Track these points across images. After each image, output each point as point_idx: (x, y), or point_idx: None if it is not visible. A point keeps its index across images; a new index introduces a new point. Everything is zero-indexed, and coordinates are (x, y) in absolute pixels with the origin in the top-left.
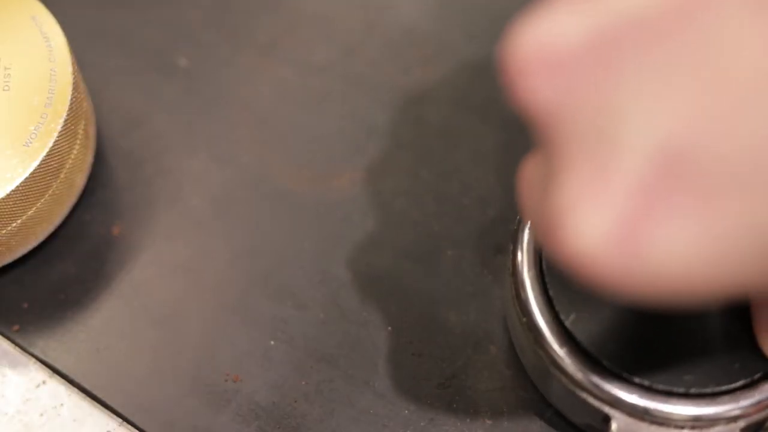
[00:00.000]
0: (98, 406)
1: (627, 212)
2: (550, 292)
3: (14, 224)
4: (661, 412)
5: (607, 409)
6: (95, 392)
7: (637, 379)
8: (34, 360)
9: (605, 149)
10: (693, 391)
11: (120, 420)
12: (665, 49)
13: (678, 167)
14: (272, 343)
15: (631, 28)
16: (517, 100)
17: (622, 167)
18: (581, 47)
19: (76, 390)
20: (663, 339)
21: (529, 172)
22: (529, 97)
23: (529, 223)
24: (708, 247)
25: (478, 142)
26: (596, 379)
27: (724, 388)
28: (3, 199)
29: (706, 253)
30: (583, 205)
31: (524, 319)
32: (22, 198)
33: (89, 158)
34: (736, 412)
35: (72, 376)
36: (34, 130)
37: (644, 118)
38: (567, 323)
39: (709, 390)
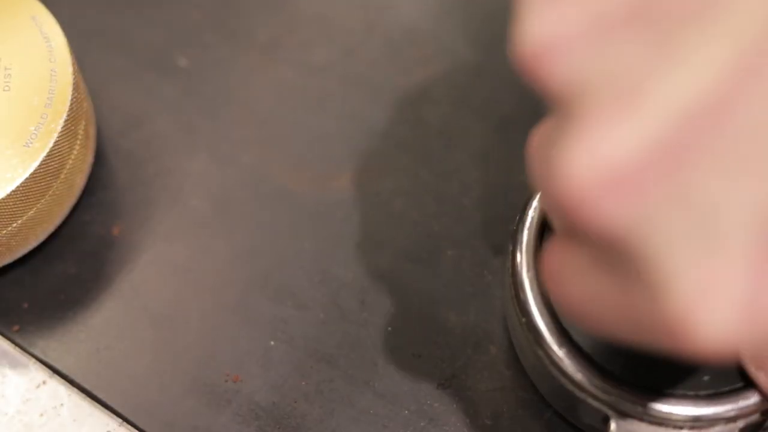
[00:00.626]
0: (98, 406)
1: (747, 287)
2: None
3: (14, 224)
4: (660, 412)
5: (606, 410)
6: (95, 392)
7: (636, 380)
8: (34, 360)
9: (707, 243)
10: (692, 391)
11: (120, 420)
12: (732, 128)
13: None
14: (272, 343)
15: (688, 121)
16: (587, 228)
17: (730, 252)
18: (644, 157)
19: (76, 390)
20: None
21: (584, 286)
22: (601, 224)
23: (606, 326)
24: None
25: (477, 142)
26: (595, 380)
27: (723, 388)
28: (3, 199)
29: None
30: (707, 297)
31: (523, 320)
32: (23, 198)
33: (89, 158)
34: (735, 413)
35: (72, 376)
36: (35, 130)
37: (732, 197)
38: (566, 324)
39: (708, 390)
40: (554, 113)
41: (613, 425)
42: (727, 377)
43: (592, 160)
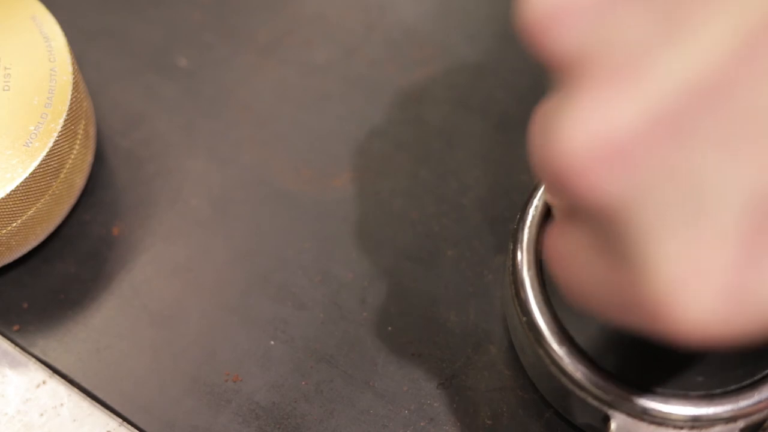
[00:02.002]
0: (98, 406)
1: (734, 272)
2: (550, 292)
3: (14, 224)
4: (660, 412)
5: (606, 409)
6: (95, 392)
7: (636, 379)
8: (34, 360)
9: (695, 218)
10: (692, 391)
11: (120, 420)
12: (729, 106)
13: None
14: (272, 343)
15: (688, 96)
16: (581, 200)
17: (716, 232)
18: (640, 130)
19: (76, 390)
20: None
21: (576, 260)
22: (596, 195)
23: (600, 307)
24: None
25: (477, 143)
26: (595, 379)
27: (723, 388)
28: (3, 199)
29: None
30: (689, 279)
31: (524, 319)
32: (23, 198)
33: (89, 158)
34: (735, 413)
35: (72, 376)
36: (34, 130)
37: (725, 179)
38: (566, 323)
39: (708, 390)
40: (557, 87)
41: (613, 425)
42: (727, 376)
43: (588, 132)
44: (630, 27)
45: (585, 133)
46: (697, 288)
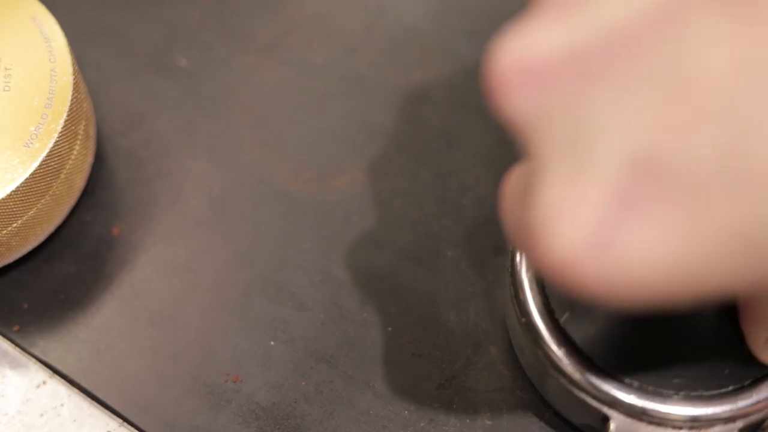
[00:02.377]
0: (98, 406)
1: (603, 219)
2: (548, 293)
3: (15, 225)
4: (659, 412)
5: (605, 410)
6: (95, 392)
7: (635, 380)
8: (34, 360)
9: (581, 159)
10: (691, 391)
11: (120, 420)
12: (638, 59)
13: (652, 173)
14: (272, 343)
15: (606, 41)
16: (498, 112)
17: (597, 176)
18: (557, 61)
19: (76, 390)
20: (662, 339)
21: (511, 183)
22: (508, 110)
23: (508, 232)
24: (682, 249)
25: (477, 143)
26: (594, 380)
27: (722, 388)
28: (3, 199)
29: (680, 254)
30: (560, 214)
31: (523, 320)
32: (23, 198)
33: (89, 158)
34: (734, 413)
35: (72, 376)
36: (35, 130)
37: (617, 127)
38: (564, 324)
39: (707, 390)
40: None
41: (612, 425)
42: (726, 376)
43: (514, 53)
44: None
45: (511, 54)
46: (567, 224)
